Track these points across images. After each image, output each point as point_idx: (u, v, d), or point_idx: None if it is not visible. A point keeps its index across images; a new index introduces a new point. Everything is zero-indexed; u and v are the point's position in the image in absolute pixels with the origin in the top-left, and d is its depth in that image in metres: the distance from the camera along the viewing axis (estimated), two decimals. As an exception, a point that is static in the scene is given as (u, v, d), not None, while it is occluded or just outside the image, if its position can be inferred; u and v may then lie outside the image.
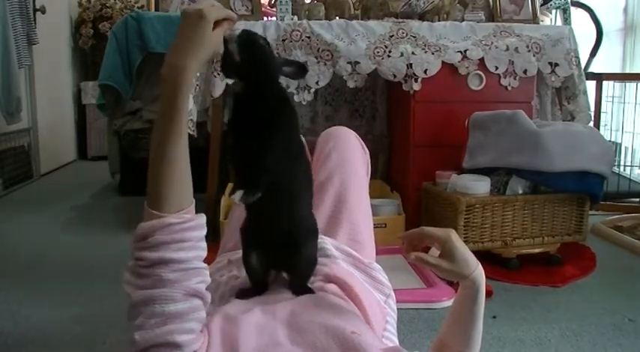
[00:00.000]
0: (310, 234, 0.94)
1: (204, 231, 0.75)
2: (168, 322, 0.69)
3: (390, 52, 2.07)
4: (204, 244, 0.76)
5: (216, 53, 0.80)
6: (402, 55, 2.08)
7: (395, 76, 2.08)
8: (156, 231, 0.70)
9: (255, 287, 0.93)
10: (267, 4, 2.60)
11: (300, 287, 0.92)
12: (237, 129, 0.87)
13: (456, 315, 0.91)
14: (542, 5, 2.51)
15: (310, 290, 0.91)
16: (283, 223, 0.89)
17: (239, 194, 0.82)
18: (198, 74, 2.04)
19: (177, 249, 0.71)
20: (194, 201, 0.76)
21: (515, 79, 2.17)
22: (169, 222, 0.71)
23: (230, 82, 0.90)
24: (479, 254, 2.13)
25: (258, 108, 0.84)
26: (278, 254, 0.92)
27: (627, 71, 3.57)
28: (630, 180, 2.86)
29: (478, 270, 0.87)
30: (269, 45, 0.87)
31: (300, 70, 0.92)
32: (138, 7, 4.29)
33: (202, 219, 0.75)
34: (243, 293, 0.90)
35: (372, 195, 1.35)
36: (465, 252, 0.87)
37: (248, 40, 0.83)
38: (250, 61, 0.84)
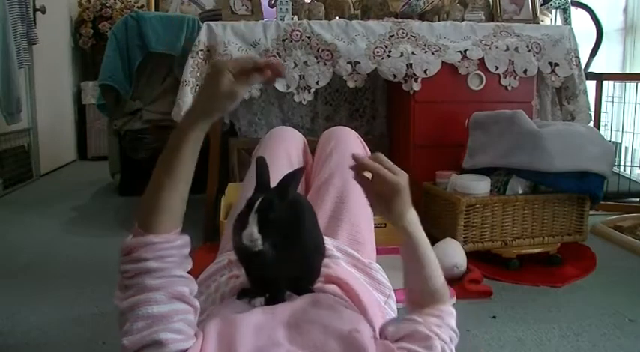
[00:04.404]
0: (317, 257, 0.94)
1: (189, 249, 0.79)
2: (154, 325, 0.71)
3: (390, 52, 2.07)
4: (188, 259, 0.79)
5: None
6: (402, 55, 2.08)
7: (395, 76, 2.08)
8: (140, 247, 0.74)
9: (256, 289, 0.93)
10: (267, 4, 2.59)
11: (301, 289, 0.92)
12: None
13: (408, 265, 0.90)
14: (542, 5, 2.51)
15: (310, 290, 0.91)
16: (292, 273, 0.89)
17: (259, 301, 0.85)
18: (198, 74, 2.04)
19: (160, 262, 0.74)
20: (181, 225, 0.79)
21: (515, 78, 2.17)
22: (152, 241, 0.74)
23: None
24: (479, 254, 2.10)
25: (278, 226, 0.81)
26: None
27: (627, 71, 3.56)
28: (630, 180, 2.85)
29: (408, 217, 0.85)
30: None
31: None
32: (138, 7, 4.29)
33: (186, 238, 0.78)
34: (244, 294, 0.90)
35: (372, 195, 1.35)
36: (406, 199, 0.84)
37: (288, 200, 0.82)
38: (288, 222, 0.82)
